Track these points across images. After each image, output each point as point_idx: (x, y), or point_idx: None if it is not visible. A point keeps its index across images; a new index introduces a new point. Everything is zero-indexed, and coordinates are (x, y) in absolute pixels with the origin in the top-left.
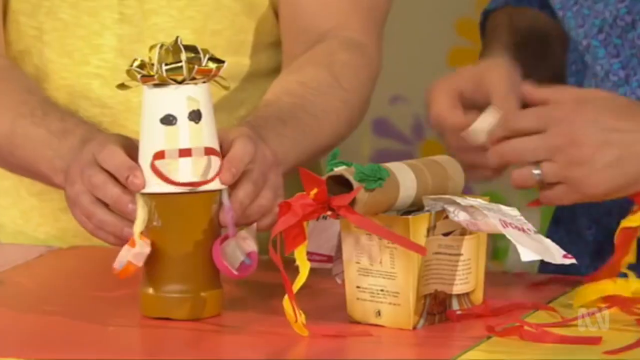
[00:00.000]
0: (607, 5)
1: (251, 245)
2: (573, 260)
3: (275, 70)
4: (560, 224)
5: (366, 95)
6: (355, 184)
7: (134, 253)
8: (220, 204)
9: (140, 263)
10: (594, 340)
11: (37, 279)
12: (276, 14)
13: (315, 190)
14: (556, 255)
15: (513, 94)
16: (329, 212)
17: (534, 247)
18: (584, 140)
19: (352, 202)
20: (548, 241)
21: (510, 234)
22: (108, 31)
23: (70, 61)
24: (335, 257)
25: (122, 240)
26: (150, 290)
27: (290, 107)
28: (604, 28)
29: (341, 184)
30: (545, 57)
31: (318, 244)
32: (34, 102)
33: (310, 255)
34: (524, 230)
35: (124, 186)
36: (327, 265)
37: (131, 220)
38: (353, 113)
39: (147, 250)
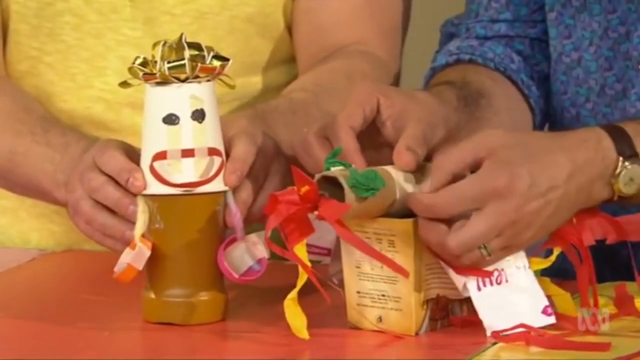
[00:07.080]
0: (593, 16)
1: (262, 251)
2: (551, 320)
3: (286, 85)
4: None
5: None
6: (347, 191)
7: (134, 256)
8: (225, 206)
9: (140, 266)
10: (603, 347)
11: (30, 283)
12: (290, 32)
13: (306, 188)
14: (538, 307)
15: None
16: (316, 212)
17: (504, 319)
18: (526, 210)
19: None
20: (534, 289)
21: (481, 300)
22: (112, 53)
23: (72, 84)
24: (333, 256)
25: (126, 244)
26: (152, 295)
27: (302, 101)
28: (593, 40)
29: (334, 184)
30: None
31: (317, 235)
32: (33, 120)
33: (309, 247)
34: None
35: (125, 188)
36: (326, 259)
37: (133, 223)
38: None
39: (147, 253)
